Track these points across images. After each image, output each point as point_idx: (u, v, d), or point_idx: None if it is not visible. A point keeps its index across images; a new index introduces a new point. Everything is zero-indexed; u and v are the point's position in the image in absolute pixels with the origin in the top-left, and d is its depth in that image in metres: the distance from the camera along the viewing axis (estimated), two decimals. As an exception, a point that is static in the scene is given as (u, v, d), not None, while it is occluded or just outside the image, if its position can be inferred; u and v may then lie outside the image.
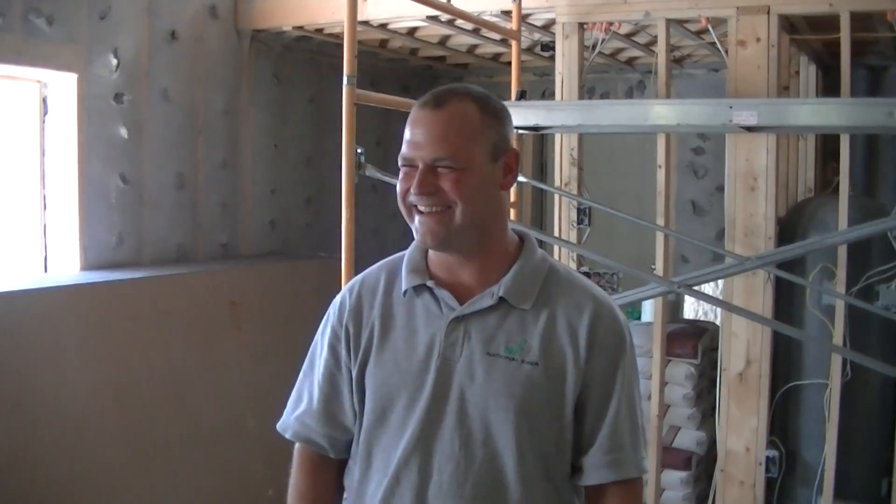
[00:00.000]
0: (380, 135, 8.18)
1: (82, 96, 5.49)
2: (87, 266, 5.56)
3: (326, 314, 2.28)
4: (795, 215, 5.95)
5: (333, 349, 2.22)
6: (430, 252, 2.20)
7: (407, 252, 2.25)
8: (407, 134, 2.10)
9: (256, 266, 6.60)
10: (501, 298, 2.11)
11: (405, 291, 2.17)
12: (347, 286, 2.29)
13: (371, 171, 4.41)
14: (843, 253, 5.31)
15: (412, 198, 2.09)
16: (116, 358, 5.18)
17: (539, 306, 2.12)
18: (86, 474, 4.94)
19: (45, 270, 5.56)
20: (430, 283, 2.15)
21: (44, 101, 5.51)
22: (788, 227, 5.73)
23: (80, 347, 5.00)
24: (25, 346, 4.72)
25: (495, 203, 2.16)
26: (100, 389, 5.06)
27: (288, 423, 2.27)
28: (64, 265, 5.55)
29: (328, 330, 2.25)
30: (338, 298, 2.28)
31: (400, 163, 2.12)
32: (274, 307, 6.25)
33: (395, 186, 2.11)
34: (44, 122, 5.53)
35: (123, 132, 5.82)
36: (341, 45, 4.29)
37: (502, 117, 2.18)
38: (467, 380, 2.07)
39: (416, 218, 2.10)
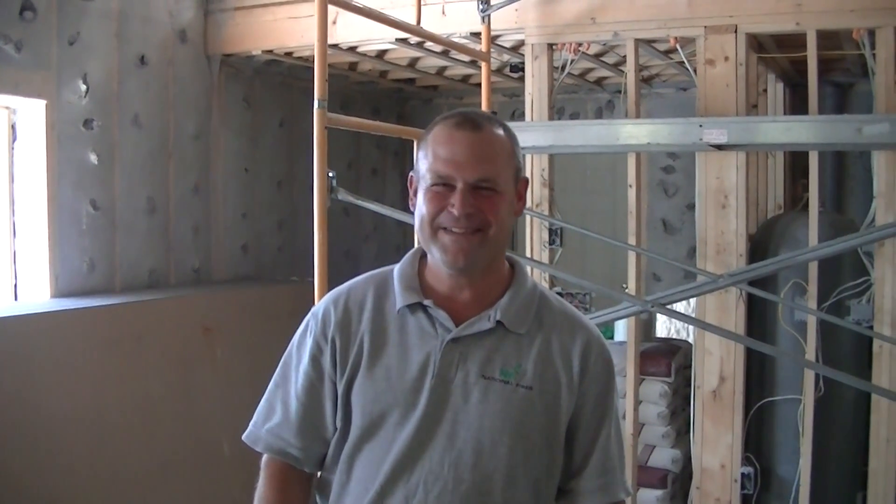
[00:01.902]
0: (351, 158, 8.20)
1: (52, 122, 5.47)
2: (59, 293, 5.52)
3: (305, 324, 2.23)
4: (766, 232, 5.98)
5: (315, 361, 2.17)
6: (430, 266, 2.18)
7: (397, 268, 2.22)
8: (441, 152, 2.07)
9: (229, 291, 6.57)
10: (498, 322, 2.10)
11: (399, 309, 2.14)
12: (330, 297, 2.23)
13: (343, 195, 4.40)
14: (814, 269, 5.33)
15: (445, 218, 2.07)
16: (89, 384, 5.14)
17: (533, 332, 2.13)
18: (59, 501, 4.90)
19: (15, 298, 5.52)
20: (427, 303, 2.12)
21: (12, 127, 5.48)
22: (760, 244, 5.76)
23: (52, 374, 4.96)
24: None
25: (508, 232, 2.17)
26: (72, 416, 5.02)
27: (259, 434, 2.22)
28: (34, 292, 5.51)
29: (309, 340, 2.20)
30: (319, 309, 2.22)
31: (429, 180, 2.08)
32: (247, 332, 6.23)
33: (367, 211, 2.11)
34: (13, 148, 5.50)
35: (94, 158, 5.79)
36: (311, 69, 4.28)
37: (518, 145, 2.19)
38: (461, 402, 2.06)
39: (446, 238, 2.07)
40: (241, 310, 6.35)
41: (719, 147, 5.22)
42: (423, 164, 2.10)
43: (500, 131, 2.13)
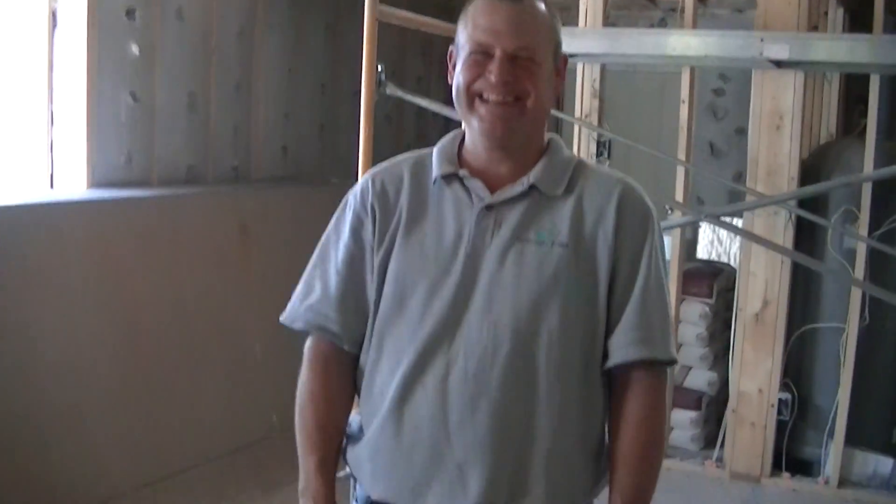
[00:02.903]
0: (395, 66, 8.05)
1: (92, 10, 5.35)
2: (95, 184, 5.44)
3: (343, 203, 2.19)
4: (819, 158, 5.84)
5: (356, 233, 2.12)
6: (467, 143, 2.13)
7: (437, 145, 2.17)
8: (481, 21, 2.02)
9: (268, 190, 6.50)
10: (532, 186, 2.05)
11: (435, 179, 2.10)
12: (368, 175, 2.19)
13: (391, 90, 4.30)
14: (867, 194, 5.21)
15: (481, 84, 2.02)
16: (122, 277, 5.08)
17: (568, 192, 2.07)
18: (88, 397, 4.86)
19: (52, 187, 5.45)
20: (462, 173, 2.08)
21: (53, 14, 5.37)
22: (812, 170, 5.62)
23: (84, 264, 4.89)
24: (30, 261, 4.61)
25: (549, 104, 2.13)
26: (104, 308, 4.97)
27: (297, 312, 2.15)
28: (70, 182, 5.42)
29: (349, 215, 2.15)
30: (357, 187, 2.18)
31: (468, 49, 2.04)
32: (284, 232, 6.15)
33: (409, 119, 2.03)
34: (53, 36, 5.39)
35: (135, 49, 5.69)
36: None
37: (559, 23, 2.15)
38: (497, 266, 2.00)
39: (482, 108, 2.03)
40: (278, 210, 6.27)
41: (778, 64, 5.08)
42: (463, 35, 2.06)
43: (542, 6, 2.09)
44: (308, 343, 2.17)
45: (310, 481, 2.10)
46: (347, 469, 2.19)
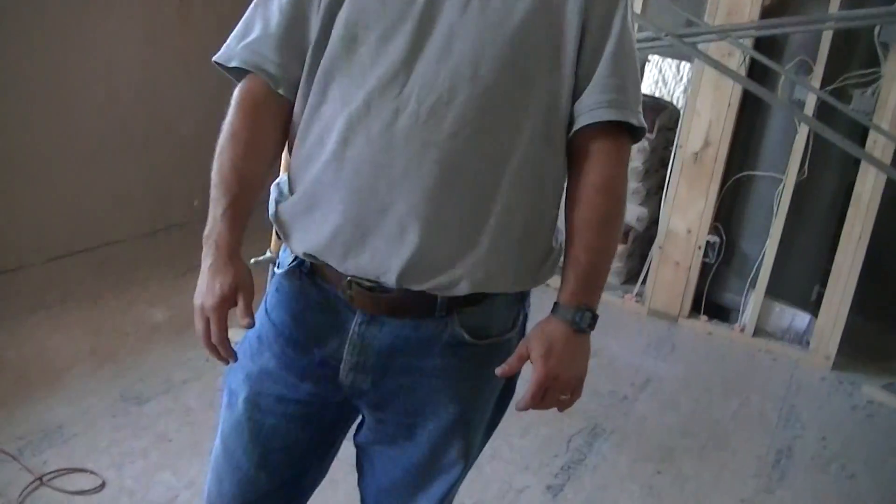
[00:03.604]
0: None
1: None
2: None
3: None
4: (782, 4, 5.69)
5: None
6: None
7: None
8: None
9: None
10: None
11: None
12: None
13: None
14: (825, 45, 5.11)
15: None
16: (53, 42, 4.82)
17: None
18: (7, 163, 4.68)
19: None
20: None
21: None
22: (773, 13, 5.47)
23: (13, 26, 4.64)
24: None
25: None
26: (38, 76, 4.73)
27: (233, 51, 1.96)
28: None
29: None
30: None
31: None
32: (224, 6, 5.90)
33: None
34: None
35: None
36: None
37: None
38: (459, 13, 1.83)
39: None
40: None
41: None
42: None
43: None
44: (239, 86, 1.98)
45: (214, 226, 1.91)
46: (268, 252, 2.06)
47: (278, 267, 2.06)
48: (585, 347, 1.95)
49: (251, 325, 1.86)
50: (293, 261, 1.99)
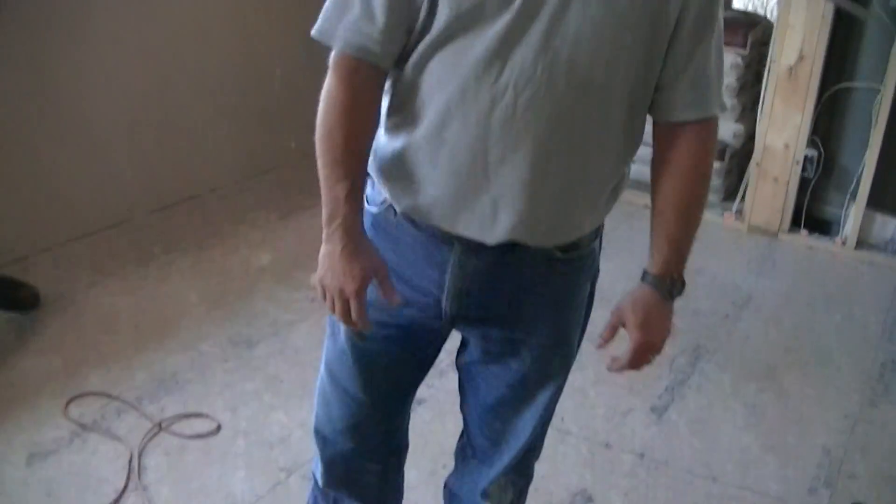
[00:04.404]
0: None
1: None
2: None
3: None
4: None
5: None
6: None
7: None
8: None
9: None
10: None
11: None
12: None
13: None
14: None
15: None
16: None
17: None
18: (102, 118, 4.77)
19: None
20: None
21: None
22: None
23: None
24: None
25: None
26: (117, 31, 4.79)
27: (335, 29, 1.89)
28: None
29: None
30: None
31: None
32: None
33: None
34: None
35: None
36: None
37: None
38: (560, 4, 1.79)
39: None
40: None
41: None
42: None
43: None
44: (339, 57, 1.92)
45: (338, 208, 1.91)
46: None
47: (368, 202, 2.08)
48: (672, 313, 2.08)
49: (400, 302, 1.97)
50: (383, 201, 2.05)
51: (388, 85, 1.98)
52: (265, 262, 4.78)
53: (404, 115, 1.95)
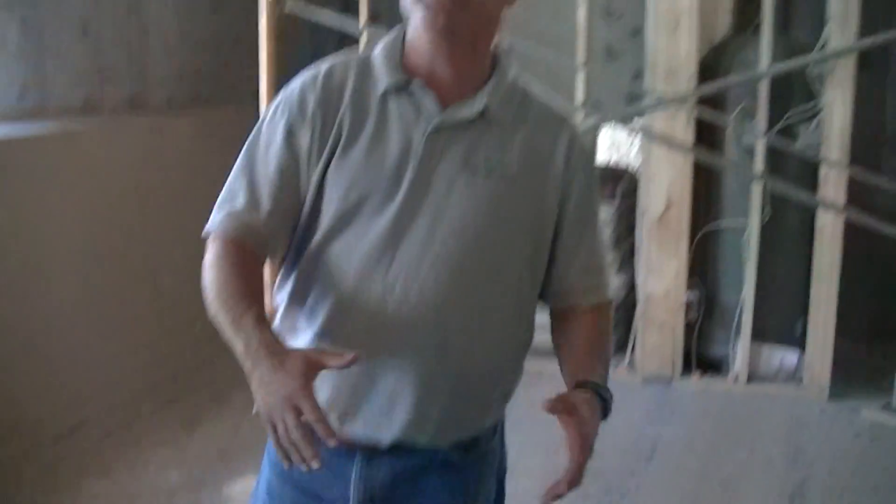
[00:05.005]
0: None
1: (-26, -64, 5.16)
2: (-13, 119, 5.29)
3: (275, 106, 2.05)
4: (717, 55, 5.88)
5: (291, 138, 1.99)
6: (410, 43, 2.03)
7: (378, 49, 2.07)
8: None
9: (167, 117, 6.38)
10: (482, 112, 1.99)
11: (384, 91, 2.00)
12: (308, 76, 2.05)
13: (290, 6, 4.21)
14: (764, 91, 5.29)
15: None
16: (22, 217, 4.94)
17: (517, 123, 2.03)
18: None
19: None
20: (414, 84, 1.98)
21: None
22: (710, 68, 5.67)
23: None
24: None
25: (499, 11, 2.03)
26: (6, 252, 4.84)
27: (222, 222, 1.98)
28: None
29: (282, 120, 2.01)
30: (294, 88, 2.04)
31: None
32: (189, 158, 6.05)
33: (303, 35, 1.93)
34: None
35: (20, -25, 5.51)
36: None
37: None
38: (444, 192, 1.94)
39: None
40: (179, 136, 6.17)
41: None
42: None
43: None
44: (215, 236, 1.99)
45: (251, 335, 1.84)
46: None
47: None
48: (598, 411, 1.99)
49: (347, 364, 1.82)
50: None
51: (282, 291, 2.06)
52: (174, 480, 4.70)
53: (301, 312, 2.02)
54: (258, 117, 2.08)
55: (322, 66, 2.04)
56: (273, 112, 2.04)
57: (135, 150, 5.74)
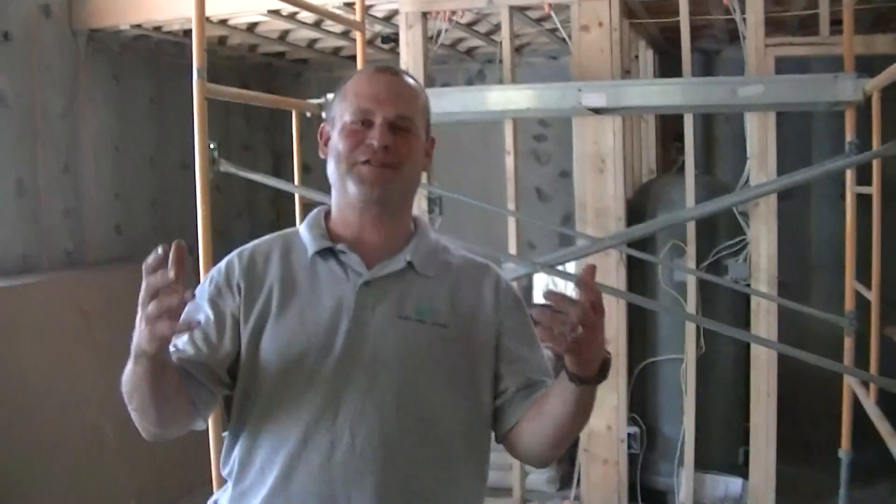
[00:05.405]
0: (220, 135, 8.02)
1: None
2: (-73, 281, 5.32)
3: (205, 279, 2.18)
4: (643, 195, 6.07)
5: (214, 303, 2.10)
6: (336, 215, 2.19)
7: (303, 224, 2.22)
8: (363, 90, 2.12)
9: (105, 272, 6.42)
10: (409, 265, 2.13)
11: (312, 256, 2.13)
12: (235, 253, 2.19)
13: (226, 166, 4.33)
14: (691, 229, 5.43)
15: (362, 152, 2.08)
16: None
17: (441, 274, 2.17)
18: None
19: None
20: (339, 247, 2.12)
21: None
22: (637, 208, 5.83)
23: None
24: None
25: (418, 177, 2.23)
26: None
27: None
28: None
29: (209, 288, 2.14)
30: (222, 264, 2.18)
31: (349, 118, 2.10)
32: (125, 312, 6.06)
33: (238, 187, 2.06)
34: None
35: (-43, 139, 5.59)
36: (180, 43, 4.20)
37: (429, 103, 2.25)
38: (380, 342, 2.05)
39: (363, 169, 2.08)
40: (117, 290, 6.20)
41: (597, 111, 5.28)
42: (341, 106, 2.14)
43: (416, 84, 2.22)
44: None
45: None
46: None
47: None
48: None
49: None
50: None
51: (229, 460, 2.12)
52: None
53: (250, 472, 2.07)
54: (196, 274, 2.19)
55: (246, 246, 2.20)
56: (201, 285, 2.16)
57: (73, 304, 5.76)
